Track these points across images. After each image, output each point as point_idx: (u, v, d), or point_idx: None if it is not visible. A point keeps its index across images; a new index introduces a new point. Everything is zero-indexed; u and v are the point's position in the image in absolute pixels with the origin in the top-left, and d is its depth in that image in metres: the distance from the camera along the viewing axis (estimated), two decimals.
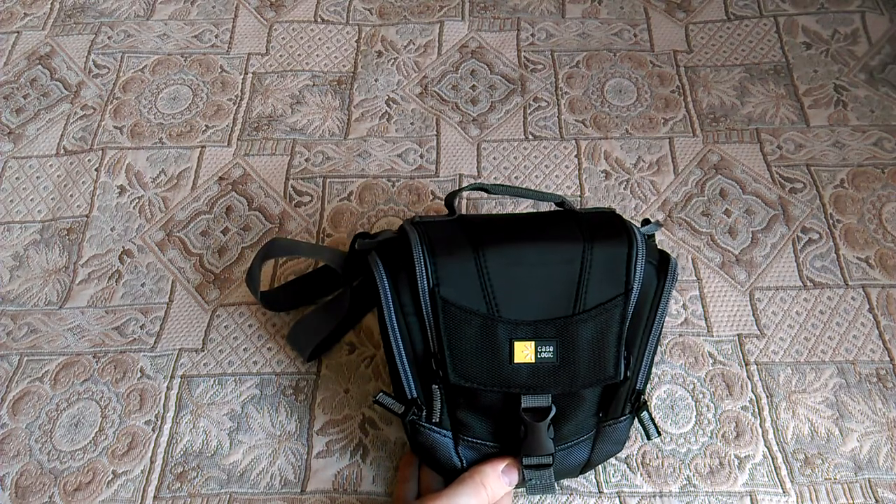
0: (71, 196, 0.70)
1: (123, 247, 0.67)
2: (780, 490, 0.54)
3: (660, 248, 0.50)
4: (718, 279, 0.64)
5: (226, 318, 0.62)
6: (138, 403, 0.58)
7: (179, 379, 0.59)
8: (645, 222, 0.52)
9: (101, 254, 0.67)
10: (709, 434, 0.56)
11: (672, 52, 0.79)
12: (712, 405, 0.57)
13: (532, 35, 0.81)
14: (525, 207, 0.68)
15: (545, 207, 0.61)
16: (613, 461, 0.55)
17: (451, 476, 0.47)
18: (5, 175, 0.72)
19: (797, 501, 0.53)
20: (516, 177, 0.70)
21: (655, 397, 0.58)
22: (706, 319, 0.62)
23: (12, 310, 0.64)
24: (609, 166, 0.71)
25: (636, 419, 0.49)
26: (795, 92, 0.75)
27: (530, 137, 0.73)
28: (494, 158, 0.72)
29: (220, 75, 0.79)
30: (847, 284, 0.63)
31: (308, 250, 0.62)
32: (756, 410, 0.57)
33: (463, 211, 0.68)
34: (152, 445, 0.56)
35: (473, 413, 0.46)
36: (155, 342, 0.61)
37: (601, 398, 0.47)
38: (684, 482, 0.54)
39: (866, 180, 0.69)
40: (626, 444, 0.55)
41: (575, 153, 0.72)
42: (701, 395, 0.58)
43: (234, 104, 0.76)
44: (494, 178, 0.70)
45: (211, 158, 0.72)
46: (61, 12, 0.85)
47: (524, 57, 0.79)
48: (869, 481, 0.54)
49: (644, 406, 0.48)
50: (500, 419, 0.46)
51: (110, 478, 0.55)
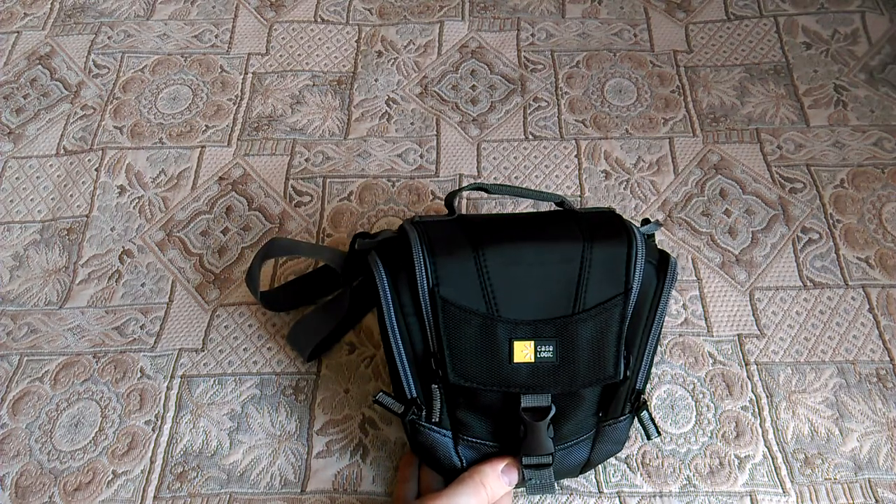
0: (71, 196, 0.70)
1: (123, 247, 0.67)
2: (780, 490, 0.54)
3: (659, 248, 0.50)
4: (718, 279, 0.64)
5: (226, 318, 0.63)
6: (138, 403, 0.58)
7: (179, 379, 0.59)
8: (644, 222, 0.52)
9: (101, 254, 0.67)
10: (709, 434, 0.56)
11: (672, 52, 0.79)
12: (712, 405, 0.57)
13: (532, 35, 0.81)
14: (525, 207, 0.68)
15: (545, 207, 0.61)
16: (613, 461, 0.55)
17: (451, 476, 0.47)
18: (5, 175, 0.72)
19: (797, 501, 0.53)
20: (516, 177, 0.70)
21: (655, 397, 0.58)
22: (706, 319, 0.62)
23: (12, 310, 0.64)
24: (609, 166, 0.71)
25: (636, 419, 0.49)
26: (795, 92, 0.75)
27: (530, 137, 0.73)
28: (494, 158, 0.72)
29: (220, 75, 0.79)
30: (847, 284, 0.63)
31: (308, 250, 0.62)
32: (756, 410, 0.57)
33: (463, 211, 0.68)
34: (152, 445, 0.56)
35: (473, 413, 0.46)
36: (155, 342, 0.61)
37: (601, 398, 0.47)
38: (684, 482, 0.54)
39: (866, 180, 0.69)
40: (626, 444, 0.55)
41: (575, 153, 0.72)
42: (701, 395, 0.58)
43: (234, 104, 0.76)
44: (494, 178, 0.70)
45: (211, 158, 0.72)
46: (61, 12, 0.85)
47: (524, 57, 0.79)
48: (869, 481, 0.54)
49: (644, 406, 0.48)
50: (500, 419, 0.46)
51: (110, 478, 0.55)
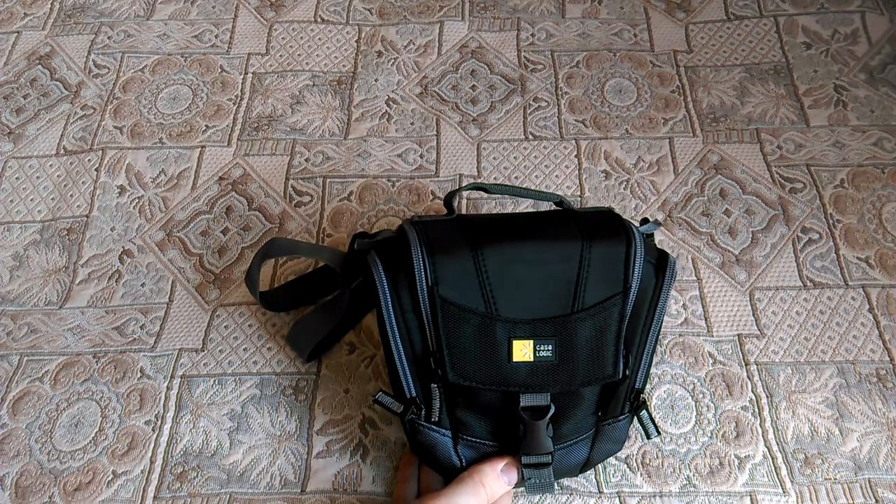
0: (71, 196, 0.70)
1: (123, 247, 0.67)
2: (780, 490, 0.53)
3: (658, 247, 0.50)
4: (718, 279, 0.64)
5: (226, 318, 0.63)
6: (138, 403, 0.58)
7: (179, 379, 0.59)
8: (644, 221, 0.52)
9: (101, 254, 0.67)
10: (709, 434, 0.56)
11: (672, 52, 0.79)
12: (712, 405, 0.57)
13: (532, 35, 0.81)
14: (525, 207, 0.68)
15: (545, 207, 0.61)
16: (613, 461, 0.55)
17: (451, 475, 0.47)
18: (5, 175, 0.72)
19: (797, 501, 0.53)
20: (516, 177, 0.70)
21: (655, 397, 0.58)
22: (706, 319, 0.62)
23: (12, 310, 0.64)
24: (609, 166, 0.71)
25: (635, 418, 0.49)
26: (795, 92, 0.75)
27: (530, 137, 0.73)
28: (494, 158, 0.72)
29: (220, 75, 0.79)
30: (847, 284, 0.63)
31: (308, 250, 0.62)
32: (756, 410, 0.57)
33: (462, 211, 0.68)
34: (152, 445, 0.56)
35: (472, 412, 0.46)
36: (155, 342, 0.61)
37: (600, 397, 0.47)
38: (684, 482, 0.54)
39: (866, 180, 0.69)
40: (626, 444, 0.55)
41: (575, 153, 0.72)
42: (701, 395, 0.58)
43: (234, 104, 0.76)
44: (494, 178, 0.70)
45: (211, 158, 0.72)
46: (61, 12, 0.85)
47: (524, 57, 0.79)
48: (869, 481, 0.54)
49: (643, 405, 0.48)
50: (499, 418, 0.46)
51: (110, 478, 0.55)
